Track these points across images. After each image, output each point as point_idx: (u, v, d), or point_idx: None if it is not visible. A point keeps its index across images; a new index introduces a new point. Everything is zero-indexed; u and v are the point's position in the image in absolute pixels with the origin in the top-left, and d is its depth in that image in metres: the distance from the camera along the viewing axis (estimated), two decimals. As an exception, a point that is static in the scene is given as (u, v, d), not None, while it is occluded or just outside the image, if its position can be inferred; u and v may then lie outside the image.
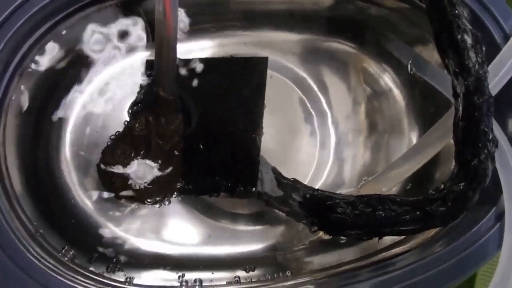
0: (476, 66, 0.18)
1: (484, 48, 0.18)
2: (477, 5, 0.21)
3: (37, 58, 0.21)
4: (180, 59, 0.23)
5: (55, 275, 0.18)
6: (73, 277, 0.19)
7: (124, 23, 0.24)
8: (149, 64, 0.24)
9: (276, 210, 0.22)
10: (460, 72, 0.18)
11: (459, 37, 0.18)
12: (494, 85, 0.19)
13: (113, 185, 0.22)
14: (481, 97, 0.18)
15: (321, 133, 0.26)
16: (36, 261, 0.18)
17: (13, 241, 0.18)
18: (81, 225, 0.23)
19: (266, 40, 0.26)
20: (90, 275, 0.20)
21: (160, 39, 0.20)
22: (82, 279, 0.19)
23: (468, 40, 0.18)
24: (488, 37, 0.21)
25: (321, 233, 0.23)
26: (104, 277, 0.21)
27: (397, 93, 0.27)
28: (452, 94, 0.19)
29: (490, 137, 0.18)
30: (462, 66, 0.18)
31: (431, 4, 0.19)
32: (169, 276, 0.22)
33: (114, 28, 0.23)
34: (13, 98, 0.21)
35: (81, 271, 0.20)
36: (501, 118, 0.20)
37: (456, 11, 0.18)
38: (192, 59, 0.24)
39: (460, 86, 0.18)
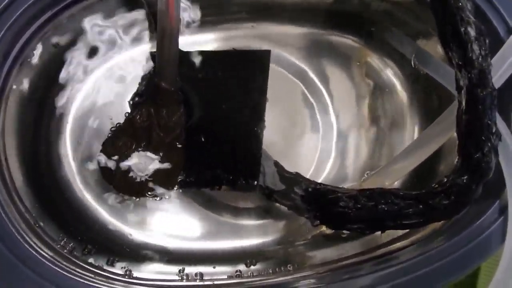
0: (480, 59, 0.18)
1: (487, 41, 0.18)
2: (480, -2, 0.21)
3: (37, 48, 0.21)
4: (182, 51, 0.23)
5: (53, 266, 0.18)
6: (71, 269, 0.18)
7: (126, 13, 0.23)
8: (153, 55, 0.24)
9: (278, 204, 0.22)
10: (463, 64, 0.18)
11: (463, 29, 0.18)
12: (498, 78, 0.19)
13: (114, 177, 0.22)
14: (485, 90, 0.18)
15: (323, 127, 0.26)
16: (34, 253, 0.18)
17: (11, 233, 0.18)
18: (80, 217, 0.22)
19: (269, 34, 0.26)
20: (89, 267, 0.20)
21: (162, 30, 0.20)
22: (81, 271, 0.19)
23: (472, 32, 0.18)
24: (491, 30, 0.21)
25: (323, 227, 0.23)
26: (103, 270, 0.20)
27: (400, 87, 0.27)
28: (455, 87, 0.19)
29: (494, 130, 0.18)
30: (465, 58, 0.18)
31: (434, -3, 0.19)
32: (169, 270, 0.22)
33: (116, 19, 0.23)
34: (13, 88, 0.21)
35: (80, 263, 0.20)
36: (504, 111, 0.20)
37: (460, 3, 0.18)
38: (195, 51, 0.24)
39: (463, 79, 0.18)
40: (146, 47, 0.24)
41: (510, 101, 0.21)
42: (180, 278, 0.22)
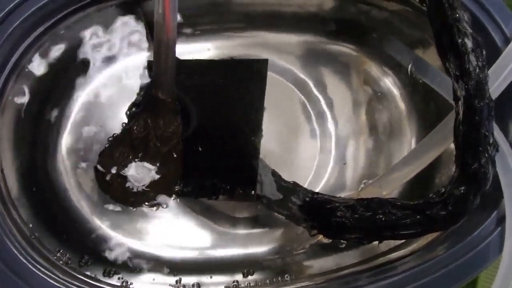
0: (477, 70, 0.18)
1: (484, 52, 0.18)
2: (477, 9, 0.21)
3: (35, 58, 0.21)
4: (179, 60, 0.23)
5: (49, 279, 0.18)
6: (67, 281, 0.18)
7: (123, 24, 0.23)
8: (150, 65, 0.24)
9: (276, 214, 0.22)
10: (460, 75, 0.18)
11: (460, 40, 0.18)
12: (495, 88, 0.19)
13: (111, 187, 0.22)
14: (482, 100, 0.18)
15: (321, 136, 0.26)
16: (29, 265, 0.18)
17: (6, 244, 0.18)
18: (77, 228, 0.22)
19: (267, 42, 0.26)
20: (86, 279, 0.20)
21: (159, 41, 0.20)
22: (77, 283, 0.19)
23: (469, 43, 0.18)
24: (488, 40, 0.21)
25: (320, 237, 0.23)
26: (100, 281, 0.20)
27: (398, 96, 0.27)
28: (452, 97, 0.19)
29: (491, 141, 0.18)
30: (462, 69, 0.18)
31: (432, 7, 0.19)
32: (166, 280, 0.22)
33: (113, 29, 0.23)
34: (9, 98, 0.21)
35: (76, 275, 0.20)
36: (501, 121, 0.20)
37: (457, 15, 0.18)
38: (192, 60, 0.24)
39: (460, 89, 0.18)
40: (144, 56, 0.24)
41: (508, 111, 0.21)
42: (177, 288, 0.22)
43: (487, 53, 0.18)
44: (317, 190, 0.22)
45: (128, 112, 0.23)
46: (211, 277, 0.22)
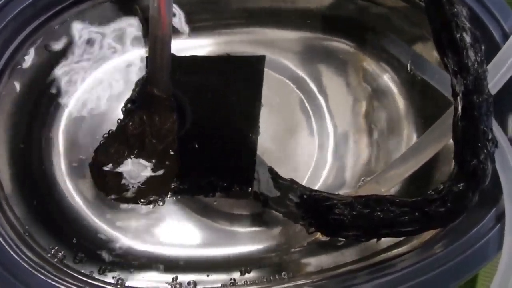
0: (475, 65, 0.18)
1: (483, 47, 0.18)
2: (476, 4, 0.21)
3: (29, 53, 0.21)
4: (175, 56, 0.23)
5: (42, 276, 0.17)
6: (61, 278, 0.18)
7: (119, 19, 0.23)
8: (145, 61, 0.24)
9: (273, 211, 0.21)
10: (459, 71, 0.18)
11: (458, 36, 0.18)
12: (494, 84, 0.19)
13: (106, 185, 0.22)
14: (481, 96, 0.17)
15: (319, 133, 0.26)
16: (22, 262, 0.17)
17: None
18: (72, 225, 0.22)
19: (264, 39, 0.26)
20: (80, 276, 0.20)
21: (154, 37, 0.20)
22: (72, 281, 0.19)
23: (467, 39, 0.18)
24: (487, 36, 0.20)
25: (318, 235, 0.23)
26: (94, 279, 0.20)
27: (397, 93, 0.26)
28: (451, 93, 0.19)
29: (490, 136, 0.17)
30: (461, 65, 0.18)
31: (429, 3, 0.19)
32: (162, 278, 0.22)
33: (109, 25, 0.23)
34: (3, 94, 0.20)
35: (71, 272, 0.20)
36: (500, 117, 0.20)
37: (455, 10, 0.18)
38: (188, 56, 0.24)
39: (459, 85, 0.18)
40: (140, 52, 0.24)
41: (507, 107, 0.20)
42: (173, 287, 0.21)
43: (486, 49, 0.18)
44: (315, 188, 0.22)
45: (123, 109, 0.23)
46: (208, 276, 0.22)
